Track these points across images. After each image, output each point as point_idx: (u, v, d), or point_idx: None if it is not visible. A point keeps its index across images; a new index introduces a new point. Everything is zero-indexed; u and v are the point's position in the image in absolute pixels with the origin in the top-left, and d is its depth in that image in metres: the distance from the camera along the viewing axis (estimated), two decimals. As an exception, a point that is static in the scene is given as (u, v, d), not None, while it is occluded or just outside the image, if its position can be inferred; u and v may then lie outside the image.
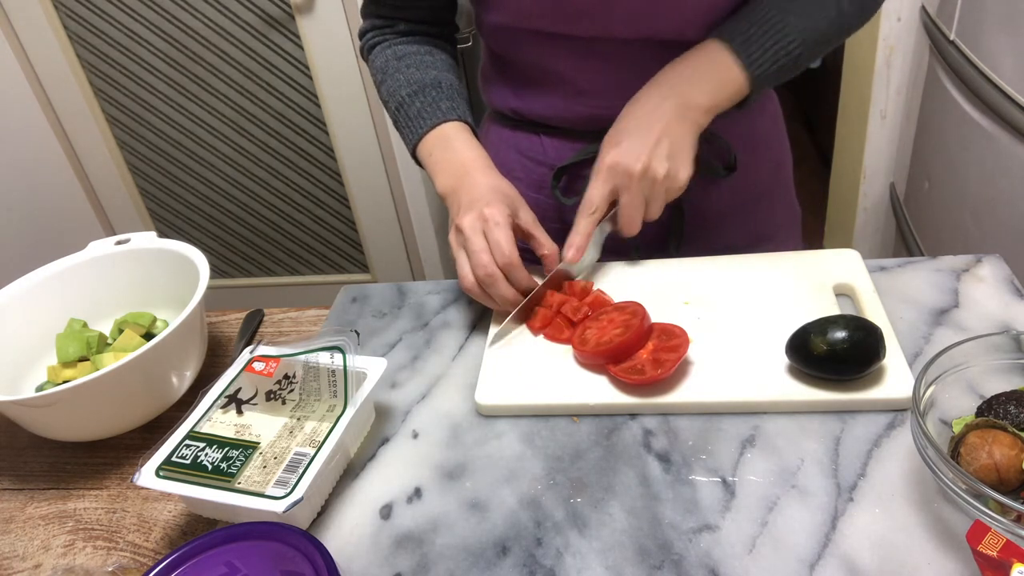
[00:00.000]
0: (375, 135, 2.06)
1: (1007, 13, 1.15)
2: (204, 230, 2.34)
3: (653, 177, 0.74)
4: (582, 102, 0.84)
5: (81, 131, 2.16)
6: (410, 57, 0.86)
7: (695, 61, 0.76)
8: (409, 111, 0.83)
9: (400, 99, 0.84)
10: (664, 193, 0.75)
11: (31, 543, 0.67)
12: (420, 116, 0.83)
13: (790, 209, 0.99)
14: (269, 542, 0.55)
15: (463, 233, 0.74)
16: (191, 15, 1.94)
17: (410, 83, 0.84)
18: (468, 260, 0.74)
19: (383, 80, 0.87)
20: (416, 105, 0.83)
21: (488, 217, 0.73)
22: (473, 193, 0.76)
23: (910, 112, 1.70)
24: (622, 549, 0.57)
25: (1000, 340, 0.59)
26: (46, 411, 0.70)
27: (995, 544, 0.46)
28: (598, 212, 0.76)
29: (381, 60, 0.88)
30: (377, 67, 0.89)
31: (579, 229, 0.77)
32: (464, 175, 0.78)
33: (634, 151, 0.74)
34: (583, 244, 0.77)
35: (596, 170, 0.76)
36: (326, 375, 0.67)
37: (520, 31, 0.82)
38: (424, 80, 0.84)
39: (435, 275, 2.30)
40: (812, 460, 0.61)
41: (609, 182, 0.75)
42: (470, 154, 0.80)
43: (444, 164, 0.80)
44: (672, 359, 0.66)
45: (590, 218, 0.77)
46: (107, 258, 0.86)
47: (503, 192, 0.77)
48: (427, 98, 0.83)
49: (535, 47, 0.83)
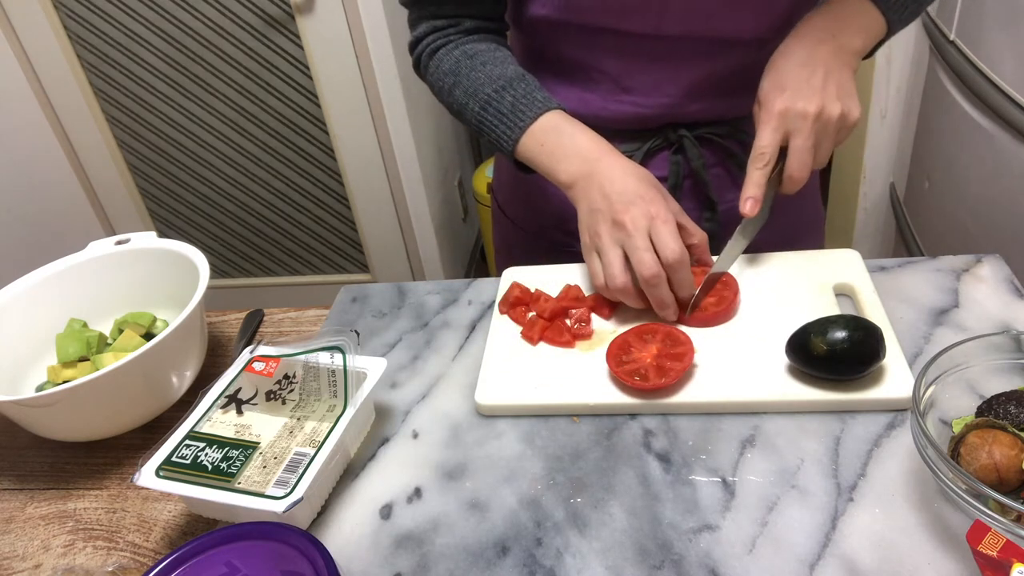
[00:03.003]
0: (375, 135, 2.06)
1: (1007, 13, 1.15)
2: (204, 230, 2.33)
3: (828, 118, 0.72)
4: (623, 99, 0.83)
5: (81, 131, 2.16)
6: (483, 55, 0.82)
7: (837, 9, 0.76)
8: (501, 107, 0.79)
9: (486, 96, 0.79)
10: (835, 135, 0.73)
11: (31, 543, 0.67)
12: (516, 110, 0.78)
13: (816, 211, 0.99)
14: (269, 542, 0.55)
15: (625, 229, 0.70)
16: (191, 15, 1.94)
17: (493, 79, 0.80)
18: (619, 260, 0.71)
19: (456, 82, 0.82)
20: (508, 99, 0.78)
21: (656, 215, 0.70)
22: (618, 183, 0.72)
23: (910, 112, 1.70)
24: (622, 549, 0.57)
25: (1000, 340, 0.59)
26: (46, 411, 0.70)
27: (995, 544, 0.46)
28: (771, 162, 0.73)
29: (450, 62, 0.83)
30: (446, 70, 0.83)
31: (753, 180, 0.73)
32: (595, 160, 0.74)
33: (804, 94, 0.71)
34: (759, 195, 0.73)
35: (763, 118, 0.73)
36: (326, 375, 0.67)
37: (565, 25, 0.80)
38: (508, 75, 0.80)
39: (435, 275, 2.30)
40: (812, 460, 0.61)
41: (780, 129, 0.72)
42: (591, 139, 0.76)
43: (565, 151, 0.76)
44: (677, 368, 0.67)
45: (764, 169, 0.73)
46: (107, 258, 0.86)
47: (650, 181, 0.74)
48: (518, 91, 0.79)
49: (579, 42, 0.81)
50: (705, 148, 0.86)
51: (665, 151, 0.87)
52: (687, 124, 0.85)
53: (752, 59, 0.81)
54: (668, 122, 0.85)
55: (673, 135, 0.86)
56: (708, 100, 0.83)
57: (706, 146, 0.86)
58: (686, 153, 0.86)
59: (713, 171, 0.88)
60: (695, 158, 0.86)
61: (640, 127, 0.85)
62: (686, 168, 0.87)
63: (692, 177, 0.87)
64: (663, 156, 0.87)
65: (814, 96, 0.72)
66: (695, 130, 0.85)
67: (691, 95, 0.82)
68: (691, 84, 0.81)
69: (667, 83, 0.80)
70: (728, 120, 0.86)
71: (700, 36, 0.78)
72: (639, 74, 0.81)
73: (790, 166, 0.74)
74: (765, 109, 0.74)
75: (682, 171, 0.87)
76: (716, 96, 0.83)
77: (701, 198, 0.88)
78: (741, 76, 0.82)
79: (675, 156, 0.86)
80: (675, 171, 0.86)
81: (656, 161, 0.87)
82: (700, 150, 0.86)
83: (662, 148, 0.87)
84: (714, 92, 0.83)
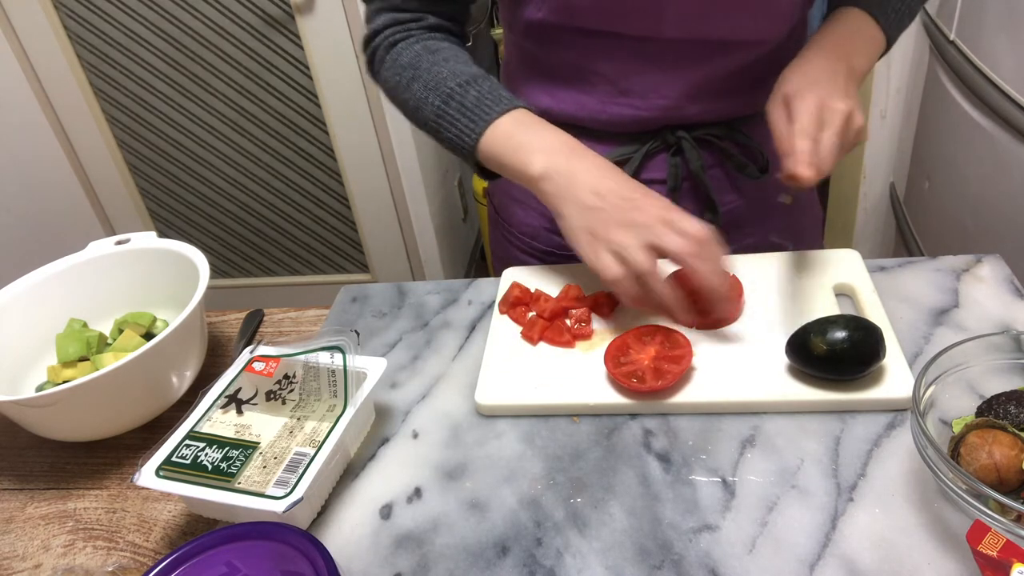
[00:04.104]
0: (375, 135, 2.06)
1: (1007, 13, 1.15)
2: (204, 230, 2.34)
3: (855, 122, 0.72)
4: (621, 102, 0.83)
5: (81, 131, 2.16)
6: (445, 51, 0.80)
7: (844, 28, 0.78)
8: (464, 100, 0.76)
9: (448, 90, 0.77)
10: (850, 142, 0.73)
11: (31, 543, 0.67)
12: (481, 105, 0.76)
13: (816, 211, 0.99)
14: (269, 542, 0.55)
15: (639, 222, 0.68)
16: (191, 15, 1.94)
17: (456, 75, 0.78)
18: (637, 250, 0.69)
19: (416, 75, 0.79)
20: (472, 94, 0.76)
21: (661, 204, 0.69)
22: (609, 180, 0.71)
23: (910, 112, 1.70)
24: (622, 549, 0.57)
25: (1000, 340, 0.59)
26: (46, 411, 0.70)
27: (995, 544, 0.46)
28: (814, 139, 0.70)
29: (409, 55, 0.81)
30: (404, 63, 0.81)
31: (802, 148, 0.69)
32: (570, 154, 0.73)
33: (838, 94, 0.72)
34: (813, 160, 0.69)
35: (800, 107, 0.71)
36: (326, 375, 0.67)
37: (563, 28, 0.80)
38: (472, 72, 0.78)
39: (435, 275, 2.30)
40: (812, 460, 0.61)
41: (818, 117, 0.71)
42: (560, 134, 0.75)
43: (538, 143, 0.74)
44: (674, 371, 0.66)
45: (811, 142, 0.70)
46: (107, 258, 0.86)
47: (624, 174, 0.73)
48: (483, 88, 0.77)
49: (575, 45, 0.81)
50: (704, 150, 0.86)
51: (663, 153, 0.87)
52: (685, 126, 0.85)
53: (750, 60, 0.81)
54: (666, 124, 0.85)
55: (671, 137, 0.85)
56: (706, 102, 0.83)
57: (704, 148, 0.86)
58: (684, 155, 0.86)
59: (711, 172, 0.88)
60: (694, 160, 0.85)
61: (638, 130, 0.85)
62: (685, 170, 0.87)
63: (691, 179, 0.87)
64: (661, 158, 0.87)
65: (846, 98, 0.72)
66: (693, 132, 0.85)
67: (689, 97, 0.82)
68: (689, 86, 0.81)
69: (665, 85, 0.80)
70: (726, 121, 0.86)
71: (697, 38, 0.78)
72: (636, 77, 0.81)
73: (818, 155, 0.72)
74: (800, 98, 0.72)
75: (681, 173, 0.87)
76: (714, 98, 0.83)
77: (701, 200, 0.88)
78: (739, 78, 0.82)
79: (673, 158, 0.86)
80: (674, 173, 0.86)
81: (654, 163, 0.87)
82: (699, 152, 0.86)
83: (660, 150, 0.87)
84: (712, 94, 0.83)
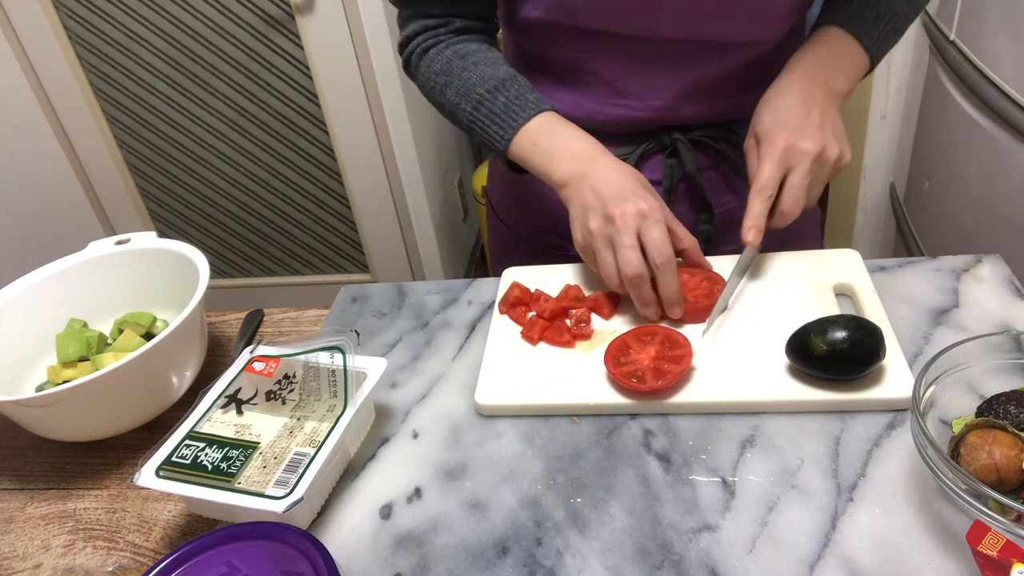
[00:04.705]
0: (375, 135, 2.06)
1: (1007, 13, 1.15)
2: (204, 230, 2.34)
3: (827, 158, 0.73)
4: (617, 102, 0.83)
5: (81, 131, 2.16)
6: (474, 55, 0.82)
7: (824, 49, 0.77)
8: (494, 107, 0.79)
9: (478, 96, 0.79)
10: (828, 175, 0.75)
11: (31, 543, 0.67)
12: (509, 110, 0.78)
13: (815, 211, 0.99)
14: (269, 542, 0.55)
15: (614, 224, 0.71)
16: (191, 15, 1.94)
17: (485, 80, 0.80)
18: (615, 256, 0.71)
19: (448, 82, 0.82)
20: (501, 100, 0.79)
21: (647, 213, 0.71)
22: (612, 183, 0.73)
23: (910, 112, 1.70)
24: (622, 549, 0.57)
25: (1000, 340, 0.59)
26: (46, 411, 0.70)
27: (995, 544, 0.46)
28: (773, 195, 0.74)
29: (441, 62, 0.83)
30: (437, 69, 0.83)
31: (755, 212, 0.74)
32: (589, 160, 0.75)
33: (807, 132, 0.73)
34: (762, 225, 0.74)
35: (766, 152, 0.74)
36: (326, 375, 0.67)
37: (558, 27, 0.80)
38: (500, 76, 0.80)
39: (435, 275, 2.30)
40: (812, 460, 0.61)
41: (783, 164, 0.73)
42: (585, 140, 0.77)
43: (559, 151, 0.76)
44: (674, 371, 0.66)
45: (766, 201, 0.74)
46: (107, 258, 0.86)
47: (643, 182, 0.74)
48: (511, 92, 0.79)
49: (571, 45, 0.81)
50: (699, 151, 0.86)
51: (659, 154, 0.87)
52: (681, 127, 0.85)
53: (747, 62, 0.81)
54: (662, 125, 0.85)
55: (667, 138, 0.86)
56: (702, 103, 0.83)
57: (700, 149, 0.87)
58: (680, 156, 0.86)
59: (707, 174, 0.88)
60: (689, 161, 0.86)
61: (634, 130, 0.85)
62: (680, 171, 0.87)
63: (686, 181, 0.87)
64: (657, 159, 0.87)
65: (816, 135, 0.73)
66: (689, 133, 0.85)
67: (685, 98, 0.82)
68: (685, 87, 0.81)
69: (661, 86, 0.80)
70: (722, 123, 0.86)
71: (693, 39, 0.78)
72: (632, 77, 0.81)
73: (784, 201, 0.74)
74: (768, 143, 0.74)
75: (676, 174, 0.87)
76: (710, 99, 0.83)
77: (696, 201, 0.88)
78: (735, 79, 0.82)
79: (669, 159, 0.86)
80: (669, 174, 0.86)
81: (650, 164, 0.87)
82: (694, 153, 0.86)
83: (656, 151, 0.87)
84: (708, 95, 0.83)
